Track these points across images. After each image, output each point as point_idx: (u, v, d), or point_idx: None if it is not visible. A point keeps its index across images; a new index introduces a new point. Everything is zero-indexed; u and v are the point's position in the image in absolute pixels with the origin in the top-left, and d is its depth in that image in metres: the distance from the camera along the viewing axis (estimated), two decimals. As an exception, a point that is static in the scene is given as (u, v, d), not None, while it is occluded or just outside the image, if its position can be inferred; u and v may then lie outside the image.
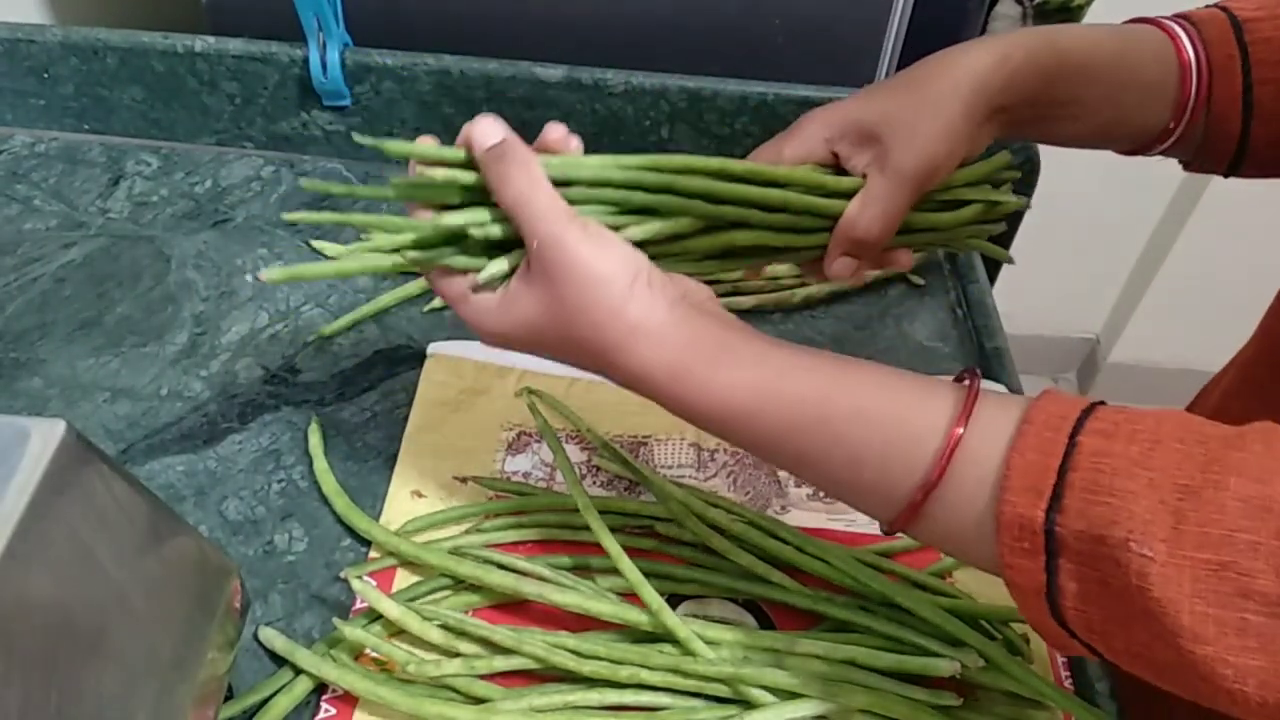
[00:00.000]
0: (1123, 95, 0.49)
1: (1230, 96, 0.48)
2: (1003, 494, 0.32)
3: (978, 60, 0.45)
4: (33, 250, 0.68)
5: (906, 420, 0.35)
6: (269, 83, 0.74)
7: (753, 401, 0.37)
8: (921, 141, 0.44)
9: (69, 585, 0.32)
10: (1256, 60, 0.48)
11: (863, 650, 0.44)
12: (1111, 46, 0.48)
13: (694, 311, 0.39)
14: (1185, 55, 0.48)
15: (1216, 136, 0.49)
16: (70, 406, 0.59)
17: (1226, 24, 0.48)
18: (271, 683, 0.46)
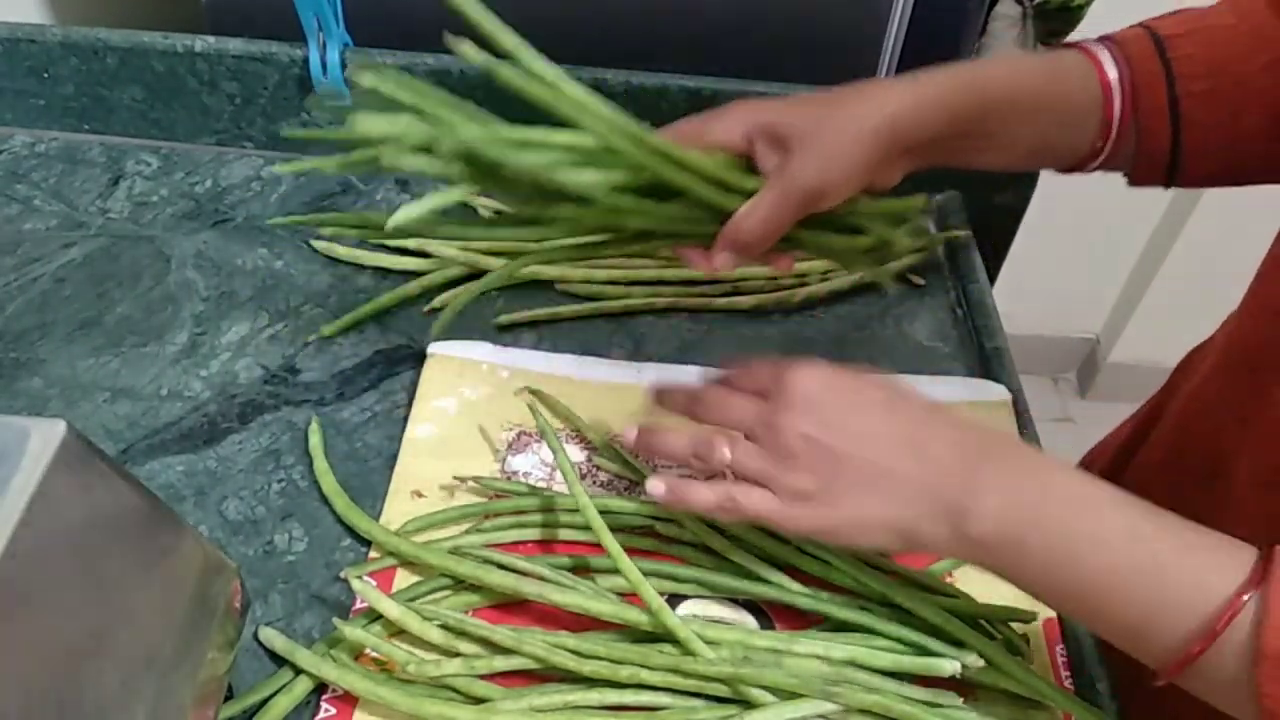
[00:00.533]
0: (1046, 124, 0.51)
1: (1156, 110, 0.50)
2: (1264, 629, 0.34)
3: (892, 99, 0.47)
4: (33, 250, 0.68)
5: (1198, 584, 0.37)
6: (269, 83, 0.74)
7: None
8: (818, 162, 0.46)
9: (69, 585, 0.32)
10: (1180, 74, 0.50)
11: (863, 650, 0.44)
12: (1035, 80, 0.50)
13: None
14: (1107, 76, 0.50)
15: (1149, 150, 0.51)
16: (70, 406, 0.59)
17: (1148, 41, 0.50)
18: (271, 683, 0.46)
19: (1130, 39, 0.51)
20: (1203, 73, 0.50)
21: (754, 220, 0.47)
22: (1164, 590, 0.37)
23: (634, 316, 0.65)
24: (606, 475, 0.56)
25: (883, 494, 0.41)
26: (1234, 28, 0.51)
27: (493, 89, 0.71)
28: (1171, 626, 0.37)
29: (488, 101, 0.72)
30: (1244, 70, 0.50)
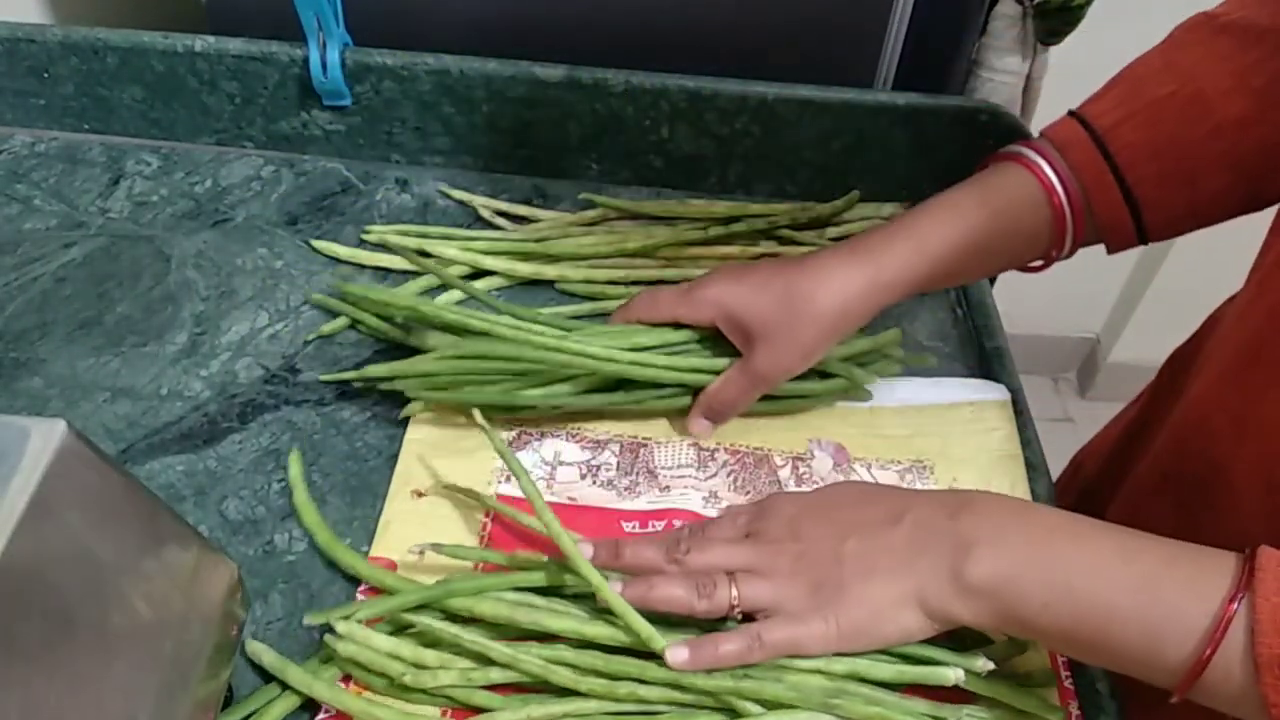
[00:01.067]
0: (1001, 254, 0.54)
1: (1113, 205, 0.52)
2: (1256, 639, 0.35)
3: (846, 289, 0.51)
4: (33, 250, 0.68)
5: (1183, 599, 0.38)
6: (269, 82, 0.74)
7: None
8: (780, 356, 0.52)
9: (69, 585, 0.32)
10: (1125, 165, 0.51)
11: (863, 661, 0.44)
12: (983, 225, 0.52)
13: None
14: (1056, 195, 0.52)
15: (1115, 232, 0.53)
16: (70, 406, 0.59)
17: (1088, 142, 0.52)
18: (266, 692, 0.46)
19: (1070, 143, 0.52)
20: (1148, 156, 0.51)
21: (725, 397, 0.55)
22: (1160, 606, 0.38)
23: (634, 316, 0.65)
24: (606, 475, 0.56)
25: (883, 570, 0.43)
26: (1172, 96, 0.51)
27: (494, 90, 0.72)
28: (1175, 643, 0.37)
29: (489, 103, 0.72)
30: (1190, 138, 0.50)
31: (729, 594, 0.44)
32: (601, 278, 0.66)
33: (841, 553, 0.43)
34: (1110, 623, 0.38)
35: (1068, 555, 0.40)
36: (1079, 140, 0.52)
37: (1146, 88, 0.52)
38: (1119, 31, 1.19)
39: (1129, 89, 0.53)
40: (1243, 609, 0.36)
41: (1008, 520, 0.42)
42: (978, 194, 0.53)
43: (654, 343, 0.56)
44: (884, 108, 0.69)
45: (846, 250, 0.53)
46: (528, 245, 0.67)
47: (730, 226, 0.68)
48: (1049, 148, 0.53)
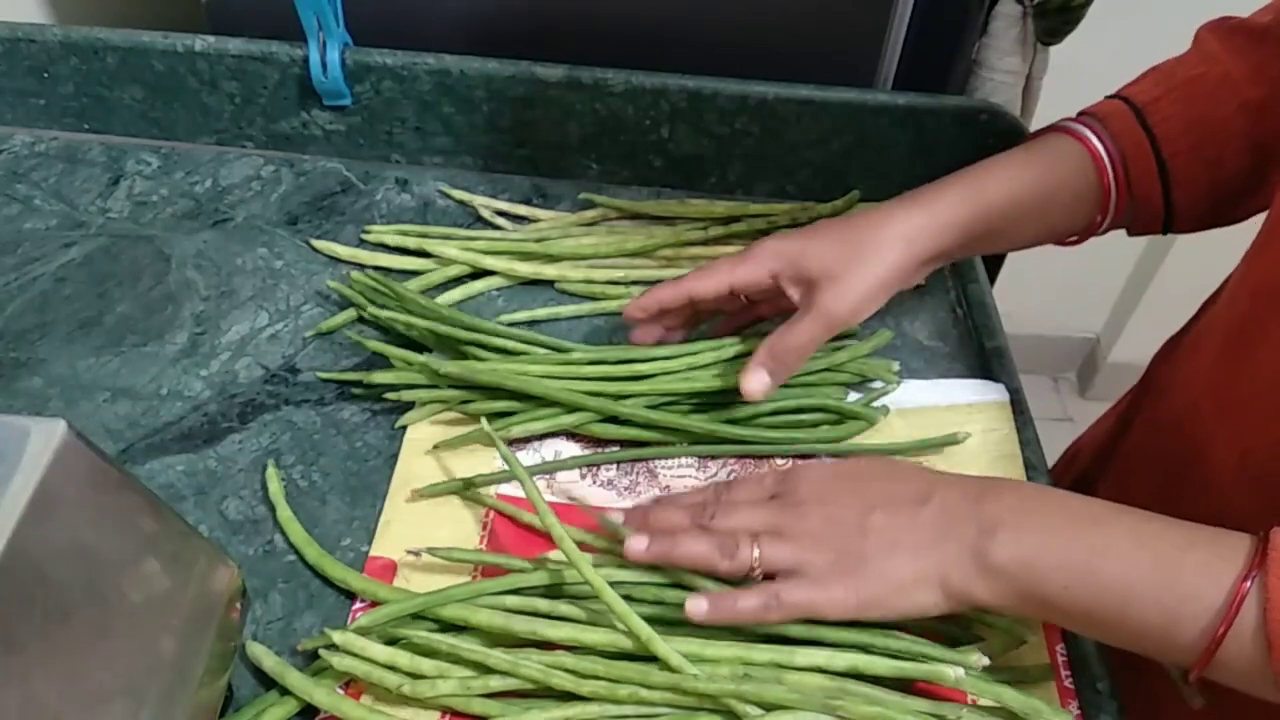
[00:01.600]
0: (1050, 215, 0.55)
1: (1148, 176, 0.54)
2: (1268, 616, 0.36)
3: (909, 230, 0.52)
4: (33, 250, 0.68)
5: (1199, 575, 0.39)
6: (269, 82, 0.74)
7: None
8: (850, 294, 0.52)
9: (69, 585, 0.32)
10: (1162, 137, 0.54)
11: (864, 658, 0.44)
12: (1034, 183, 0.54)
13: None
14: (1100, 159, 0.54)
15: (1144, 209, 0.55)
16: (70, 406, 0.59)
17: (1129, 113, 0.55)
18: (268, 697, 0.46)
19: (1111, 114, 0.55)
20: (1182, 130, 0.54)
21: (791, 344, 0.53)
22: (1177, 587, 0.39)
23: (634, 316, 0.65)
24: (606, 475, 0.56)
25: (908, 547, 0.44)
26: (1203, 77, 0.55)
27: (494, 90, 0.72)
28: (1191, 622, 0.38)
29: (488, 103, 0.72)
30: (1218, 116, 0.54)
31: (751, 554, 0.44)
32: (601, 278, 0.66)
33: (867, 524, 0.44)
34: (1128, 603, 0.39)
35: (1088, 538, 0.41)
36: (1121, 112, 0.55)
37: (1179, 71, 0.56)
38: (1119, 31, 1.19)
39: (1164, 73, 0.56)
40: (1255, 588, 0.37)
41: (1030, 505, 0.43)
42: (1028, 155, 0.55)
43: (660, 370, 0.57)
44: (884, 108, 0.69)
45: (903, 197, 0.55)
46: (528, 245, 0.67)
47: (730, 226, 0.68)
48: (1093, 120, 0.56)
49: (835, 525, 0.45)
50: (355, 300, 0.63)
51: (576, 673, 0.44)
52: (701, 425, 0.55)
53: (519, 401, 0.56)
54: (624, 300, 0.65)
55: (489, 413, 0.56)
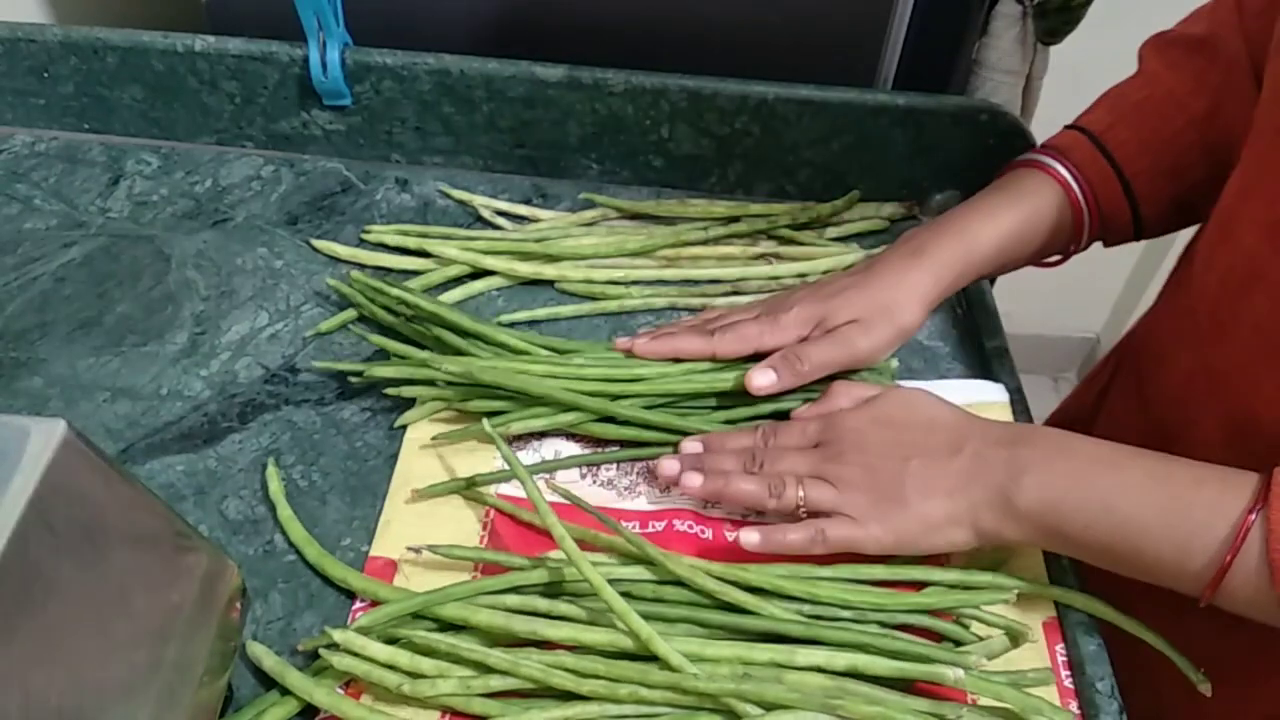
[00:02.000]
0: (1033, 245, 0.60)
1: (1115, 197, 0.59)
2: (1271, 546, 0.40)
3: (920, 287, 0.56)
4: (33, 250, 0.68)
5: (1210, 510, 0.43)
6: (269, 82, 0.74)
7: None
8: (876, 337, 0.55)
9: (69, 585, 0.32)
10: (1122, 160, 0.58)
11: (864, 658, 0.44)
12: (1019, 221, 0.58)
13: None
14: (1070, 189, 0.59)
15: (1115, 225, 0.60)
16: (70, 406, 0.59)
17: (1087, 143, 0.59)
18: (268, 697, 0.46)
19: (1072, 145, 0.60)
20: (1138, 151, 0.58)
21: (813, 353, 0.55)
22: (1188, 522, 0.42)
23: (634, 316, 0.65)
24: (606, 475, 0.56)
25: (942, 492, 0.48)
26: (1149, 99, 0.59)
27: (494, 90, 0.72)
28: (1200, 553, 0.42)
29: (489, 102, 0.72)
30: (1170, 132, 0.58)
31: (796, 494, 0.49)
32: (601, 278, 0.66)
33: (904, 471, 0.48)
34: (1144, 539, 0.43)
35: (1107, 480, 0.45)
36: (1080, 143, 0.59)
37: (1128, 96, 0.60)
38: (1119, 31, 1.19)
39: (1113, 100, 0.61)
40: (1259, 520, 0.41)
41: (1054, 451, 0.47)
42: (1008, 196, 0.59)
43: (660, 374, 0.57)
44: (884, 107, 0.69)
45: (907, 253, 0.58)
46: (528, 245, 0.67)
47: (730, 226, 0.68)
48: (1056, 153, 0.60)
49: (875, 471, 0.49)
50: (355, 300, 0.63)
51: (576, 672, 0.44)
52: (701, 426, 0.55)
53: (518, 401, 0.56)
54: (624, 300, 0.65)
55: (489, 411, 0.56)
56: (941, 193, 0.73)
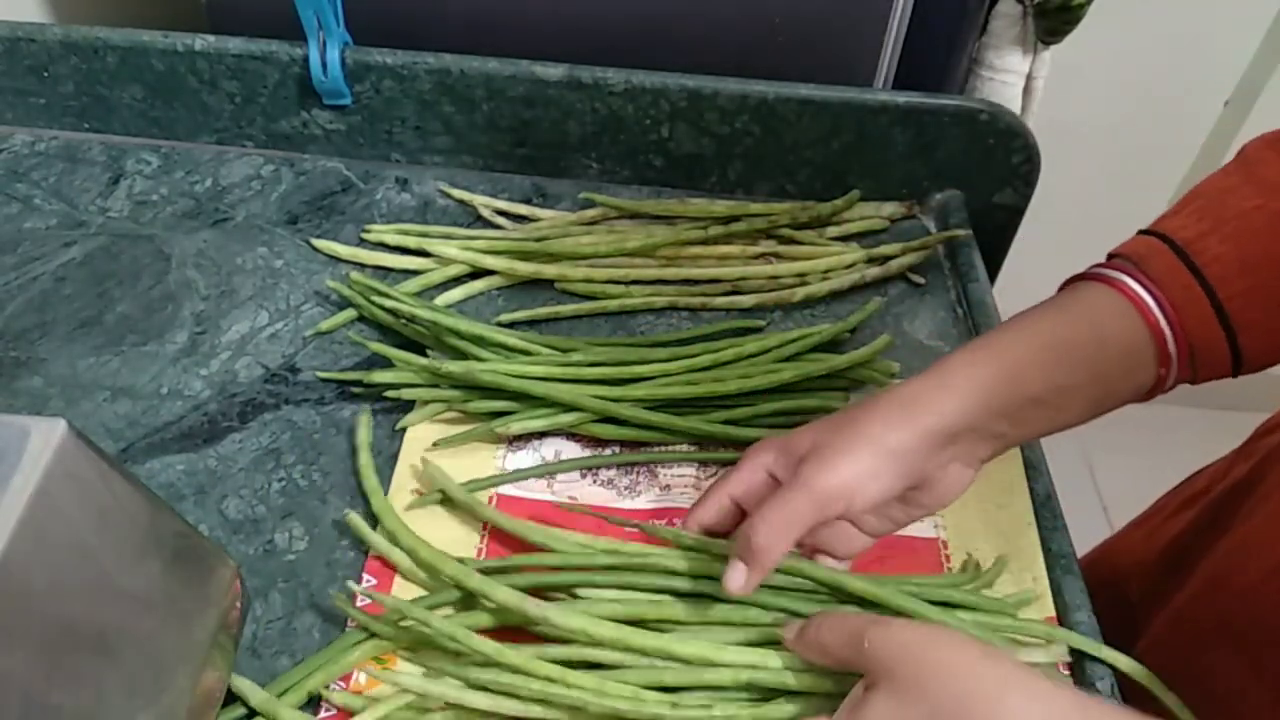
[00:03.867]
0: (1096, 367, 0.45)
1: (1205, 322, 0.45)
2: None
3: (905, 390, 0.44)
4: (33, 249, 0.68)
5: None
6: (269, 81, 0.74)
7: None
8: (838, 461, 0.43)
9: (69, 585, 0.32)
10: (1215, 279, 0.45)
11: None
12: (1068, 330, 0.45)
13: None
14: (1143, 305, 0.45)
15: (1209, 357, 0.46)
16: (70, 405, 0.59)
17: (1169, 253, 0.46)
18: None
19: (1147, 254, 0.46)
20: (1238, 270, 0.45)
21: (768, 517, 0.43)
22: None
23: (634, 315, 0.65)
24: (606, 475, 0.56)
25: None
26: (1259, 209, 0.46)
27: (494, 89, 0.72)
28: None
29: (489, 102, 0.72)
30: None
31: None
32: (601, 277, 0.66)
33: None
34: None
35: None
36: (1158, 251, 0.46)
37: (1230, 200, 0.47)
38: (1119, 31, 1.20)
39: (1208, 203, 0.47)
40: None
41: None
42: (1054, 307, 0.47)
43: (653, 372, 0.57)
44: (884, 107, 0.69)
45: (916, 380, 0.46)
46: (528, 244, 0.67)
47: (730, 226, 0.68)
48: (1125, 263, 0.47)
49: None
50: (355, 300, 0.63)
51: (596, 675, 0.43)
52: (701, 426, 0.55)
53: (519, 401, 0.56)
54: (624, 300, 0.65)
55: (490, 412, 0.56)
56: (941, 192, 0.73)
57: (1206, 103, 1.43)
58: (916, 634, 0.38)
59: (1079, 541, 0.53)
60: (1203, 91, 1.41)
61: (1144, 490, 0.73)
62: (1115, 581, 0.65)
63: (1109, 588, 0.65)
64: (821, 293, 0.66)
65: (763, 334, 0.62)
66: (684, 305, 0.65)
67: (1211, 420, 0.68)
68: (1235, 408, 0.62)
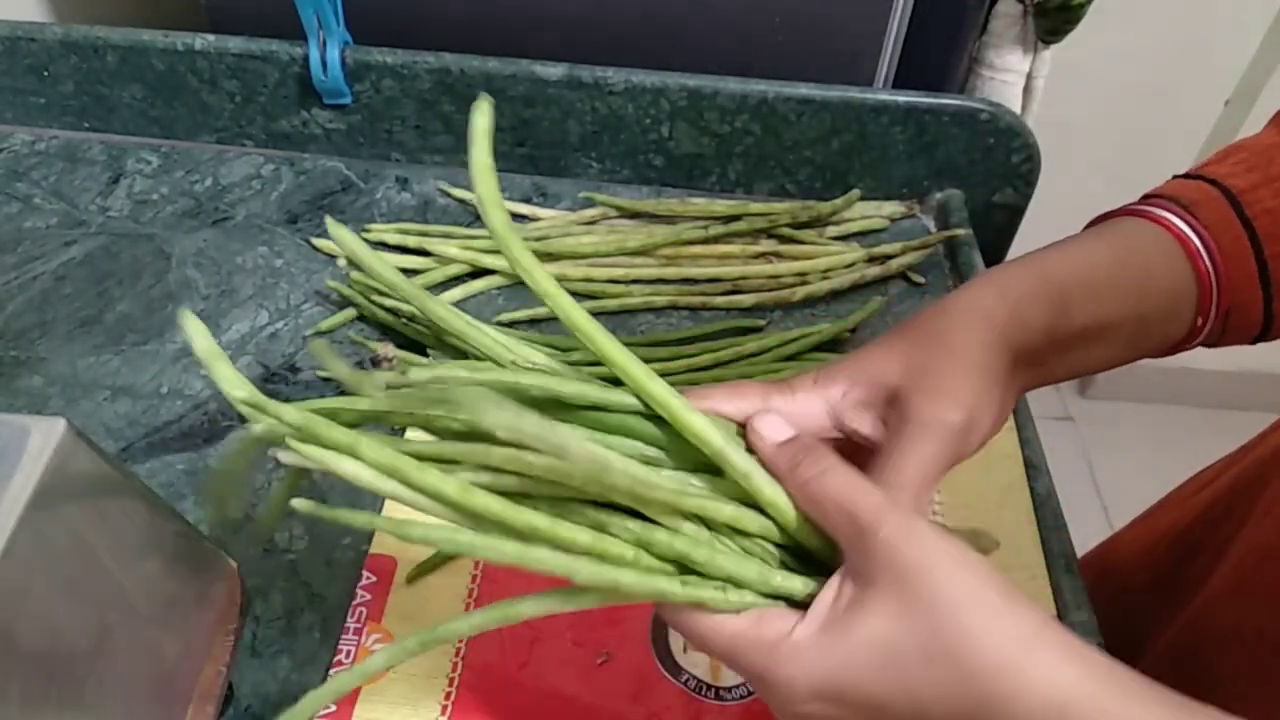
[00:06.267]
0: (1140, 304, 0.42)
1: (1247, 280, 0.42)
2: None
3: (977, 297, 0.39)
4: (33, 248, 0.68)
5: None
6: (269, 81, 0.74)
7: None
8: (952, 387, 0.35)
9: (69, 584, 0.32)
10: (1265, 235, 0.42)
11: None
12: (1106, 256, 0.42)
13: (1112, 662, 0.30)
14: (1191, 245, 0.42)
15: (1240, 320, 0.43)
16: (70, 405, 0.59)
17: (1223, 202, 0.43)
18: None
19: (1201, 201, 0.43)
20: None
21: (909, 476, 0.34)
22: None
23: (634, 315, 0.65)
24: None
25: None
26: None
27: (494, 89, 0.72)
28: None
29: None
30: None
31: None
32: (601, 276, 0.66)
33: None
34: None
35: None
36: (1212, 199, 0.43)
37: (1277, 156, 0.44)
38: (1119, 31, 1.20)
39: (1253, 157, 0.44)
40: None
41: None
42: (1097, 238, 0.43)
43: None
44: (884, 106, 0.69)
45: (958, 290, 0.41)
46: (528, 244, 0.67)
47: (730, 225, 0.68)
48: (1174, 205, 0.43)
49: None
50: (355, 300, 0.63)
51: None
52: None
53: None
54: (624, 299, 0.65)
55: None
56: (941, 191, 0.73)
57: (1206, 103, 1.43)
58: (946, 560, 0.30)
59: (1079, 541, 0.53)
60: (1203, 91, 1.41)
61: (1144, 490, 0.73)
62: (1119, 577, 0.64)
63: (1112, 585, 0.65)
64: (821, 292, 0.66)
65: (763, 333, 0.62)
66: (684, 305, 0.65)
67: (1212, 420, 0.68)
68: (1235, 408, 0.61)
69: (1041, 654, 0.29)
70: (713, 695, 0.47)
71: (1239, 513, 0.55)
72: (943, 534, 0.31)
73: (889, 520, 0.30)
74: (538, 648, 0.48)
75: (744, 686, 0.48)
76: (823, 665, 0.30)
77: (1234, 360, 1.67)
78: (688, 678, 0.48)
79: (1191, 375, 1.71)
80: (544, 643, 0.48)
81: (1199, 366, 1.70)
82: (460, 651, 0.48)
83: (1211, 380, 1.69)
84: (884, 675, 0.30)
